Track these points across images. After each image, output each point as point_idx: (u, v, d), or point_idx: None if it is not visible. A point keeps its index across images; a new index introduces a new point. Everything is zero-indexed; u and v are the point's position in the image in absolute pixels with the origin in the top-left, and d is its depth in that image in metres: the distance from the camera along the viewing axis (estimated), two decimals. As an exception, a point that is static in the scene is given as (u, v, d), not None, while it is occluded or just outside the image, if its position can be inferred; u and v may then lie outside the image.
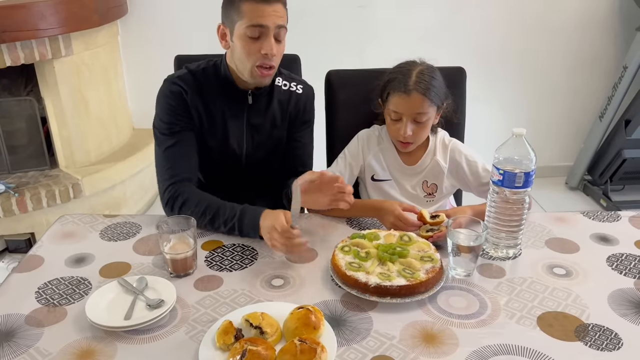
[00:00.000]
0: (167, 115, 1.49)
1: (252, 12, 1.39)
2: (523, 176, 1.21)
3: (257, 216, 1.33)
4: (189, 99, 1.49)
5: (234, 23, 1.43)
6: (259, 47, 1.41)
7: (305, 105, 1.64)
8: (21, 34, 2.37)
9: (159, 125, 1.51)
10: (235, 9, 1.41)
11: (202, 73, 1.54)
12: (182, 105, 1.49)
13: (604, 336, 1.03)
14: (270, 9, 1.39)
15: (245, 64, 1.45)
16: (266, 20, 1.39)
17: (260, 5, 1.38)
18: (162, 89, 1.52)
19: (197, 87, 1.51)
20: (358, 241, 1.27)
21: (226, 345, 0.98)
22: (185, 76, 1.52)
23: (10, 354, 1.00)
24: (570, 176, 3.38)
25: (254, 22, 1.39)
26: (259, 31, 1.40)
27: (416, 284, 1.13)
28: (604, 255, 1.30)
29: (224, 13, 1.48)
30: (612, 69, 3.20)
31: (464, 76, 1.77)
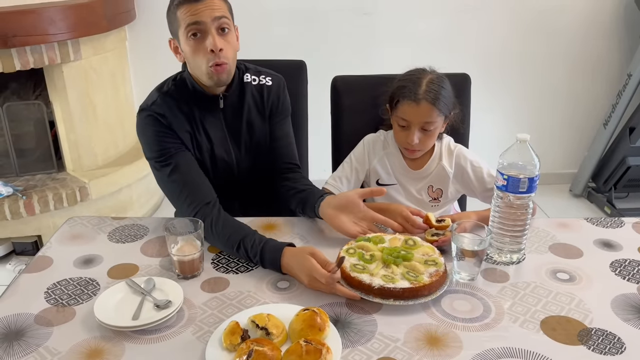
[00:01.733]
0: (155, 143, 1.45)
1: (186, 14, 1.39)
2: (527, 181, 1.22)
3: (277, 260, 1.25)
4: (171, 121, 1.45)
5: (177, 32, 1.43)
6: (204, 46, 1.39)
7: (279, 96, 1.61)
8: (31, 38, 2.40)
9: (152, 156, 1.46)
10: (174, 18, 1.42)
11: (174, 90, 1.50)
12: (166, 129, 1.45)
13: (607, 340, 1.04)
14: (202, 5, 1.37)
15: (200, 69, 1.42)
16: (200, 16, 1.37)
17: (192, 5, 1.37)
18: (141, 121, 1.47)
19: (174, 107, 1.47)
20: (363, 244, 1.29)
21: (233, 345, 0.99)
22: (158, 100, 1.48)
23: (20, 352, 1.01)
24: (575, 183, 3.38)
25: (189, 21, 1.38)
26: (196, 29, 1.38)
27: (419, 287, 1.14)
28: (607, 260, 1.31)
29: (169, 27, 1.48)
30: (617, 76, 3.21)
31: (468, 82, 1.79)
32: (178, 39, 1.45)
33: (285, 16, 3.02)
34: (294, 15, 3.03)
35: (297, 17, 3.04)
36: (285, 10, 3.02)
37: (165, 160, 1.44)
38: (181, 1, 1.39)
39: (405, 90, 1.50)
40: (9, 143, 2.68)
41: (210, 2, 1.38)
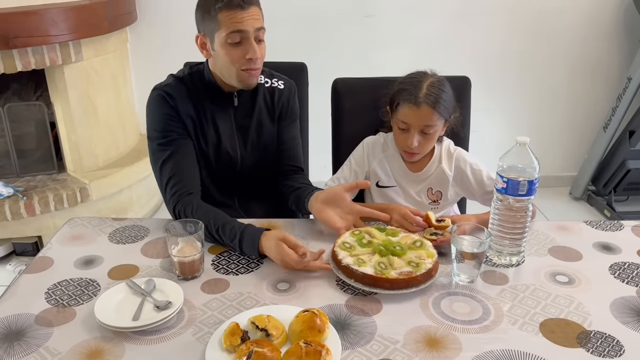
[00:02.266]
0: (160, 123, 1.49)
1: (229, 20, 1.40)
2: (526, 184, 1.22)
3: (256, 244, 1.31)
4: (179, 105, 1.50)
5: (212, 33, 1.44)
6: (242, 52, 1.42)
7: (289, 100, 1.65)
8: (32, 39, 2.41)
9: (153, 136, 1.50)
10: (212, 19, 1.42)
11: (188, 79, 1.55)
12: (174, 112, 1.49)
13: (605, 343, 1.04)
14: (246, 14, 1.40)
15: (230, 70, 1.46)
16: (244, 25, 1.40)
17: (237, 12, 1.39)
18: (152, 98, 1.52)
19: (185, 93, 1.52)
20: (371, 230, 1.34)
21: (232, 346, 1.00)
22: (173, 83, 1.53)
23: (21, 352, 1.02)
24: (574, 186, 3.38)
25: (233, 29, 1.40)
26: (239, 37, 1.41)
27: (378, 278, 1.17)
28: (606, 263, 1.31)
29: (200, 24, 1.49)
30: (616, 79, 3.22)
31: (468, 85, 1.79)
32: (212, 39, 1.46)
33: (287, 18, 3.03)
34: (295, 18, 3.04)
35: (299, 19, 3.05)
36: (286, 13, 3.03)
37: (165, 144, 1.49)
38: (225, 6, 1.39)
39: (405, 93, 1.51)
40: (9, 144, 2.69)
41: (253, 11, 1.41)
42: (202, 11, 1.47)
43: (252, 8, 1.41)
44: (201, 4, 1.47)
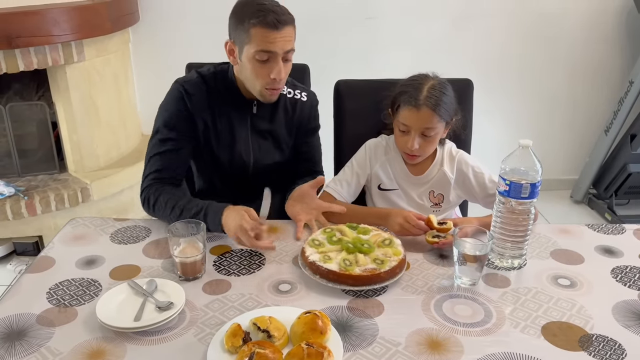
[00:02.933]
0: (170, 119, 1.52)
1: (261, 38, 1.40)
2: (529, 187, 1.22)
3: (219, 213, 1.37)
4: (196, 104, 1.51)
5: (242, 44, 1.44)
6: (267, 70, 1.44)
7: (310, 112, 1.68)
8: (35, 39, 2.41)
9: (159, 130, 1.54)
10: (244, 31, 1.42)
11: (212, 78, 1.56)
12: (187, 111, 1.52)
13: (607, 346, 1.04)
14: (279, 35, 1.40)
15: (253, 84, 1.48)
16: (275, 47, 1.41)
17: (270, 31, 1.39)
18: (171, 91, 1.55)
19: (206, 92, 1.53)
20: (343, 228, 1.36)
21: (234, 347, 1.00)
22: (195, 80, 1.54)
23: (22, 352, 1.02)
24: (575, 190, 3.38)
25: (262, 48, 1.41)
26: (267, 56, 1.42)
27: (341, 274, 1.20)
28: (608, 267, 1.31)
29: (232, 31, 1.48)
30: (618, 82, 3.22)
31: (471, 88, 1.79)
32: (241, 49, 1.46)
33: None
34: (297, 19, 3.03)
35: (300, 21, 3.03)
36: (288, 14, 3.03)
37: (165, 140, 1.52)
38: (260, 22, 1.39)
39: (406, 96, 1.51)
40: (11, 143, 2.69)
41: (286, 32, 1.42)
42: (235, 20, 1.46)
43: (286, 28, 1.41)
44: (236, 12, 1.46)
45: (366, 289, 1.20)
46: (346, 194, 1.61)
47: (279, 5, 1.44)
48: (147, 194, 1.50)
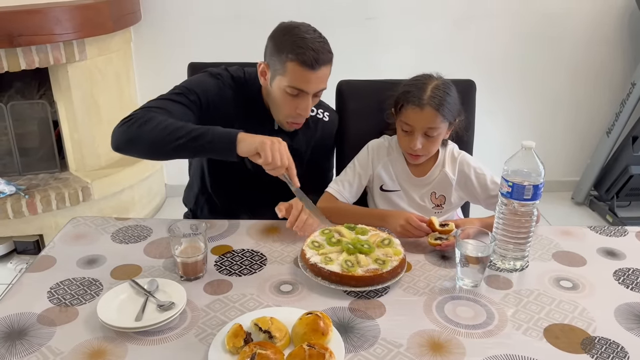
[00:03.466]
0: (197, 86, 1.48)
1: (295, 75, 1.39)
2: (532, 189, 1.22)
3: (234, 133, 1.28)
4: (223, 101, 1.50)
5: (276, 72, 1.43)
6: (295, 104, 1.43)
7: (331, 132, 1.70)
8: (36, 38, 2.40)
9: (184, 84, 1.49)
10: (280, 62, 1.40)
11: (243, 84, 1.55)
12: (215, 95, 1.49)
13: (610, 349, 1.04)
14: (314, 75, 1.39)
15: (277, 112, 1.49)
16: (308, 87, 1.40)
17: (306, 70, 1.37)
18: (204, 77, 1.52)
19: (232, 97, 1.52)
20: (341, 229, 1.35)
21: (236, 348, 0.99)
22: (228, 82, 1.53)
23: (23, 351, 1.01)
24: (577, 191, 3.38)
25: (295, 85, 1.40)
26: (298, 92, 1.41)
27: (344, 275, 1.19)
28: (610, 269, 1.31)
29: (268, 55, 1.46)
30: (620, 84, 3.21)
31: (473, 89, 1.79)
32: (273, 76, 1.45)
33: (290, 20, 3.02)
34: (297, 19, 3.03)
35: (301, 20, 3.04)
36: (289, 15, 2.99)
37: (182, 93, 1.45)
38: (297, 60, 1.37)
39: (409, 95, 1.51)
40: (12, 142, 2.69)
41: (322, 72, 1.40)
42: (273, 46, 1.44)
43: (323, 68, 1.40)
44: (275, 38, 1.44)
45: (369, 289, 1.19)
46: (348, 194, 1.61)
47: (320, 40, 1.42)
48: (137, 114, 1.36)
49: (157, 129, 1.30)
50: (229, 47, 3.03)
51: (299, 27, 1.43)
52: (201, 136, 1.28)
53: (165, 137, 1.30)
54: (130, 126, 1.34)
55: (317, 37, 1.42)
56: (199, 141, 1.28)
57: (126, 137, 1.35)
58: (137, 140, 1.34)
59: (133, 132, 1.33)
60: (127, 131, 1.34)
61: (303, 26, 1.45)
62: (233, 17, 2.99)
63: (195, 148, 1.30)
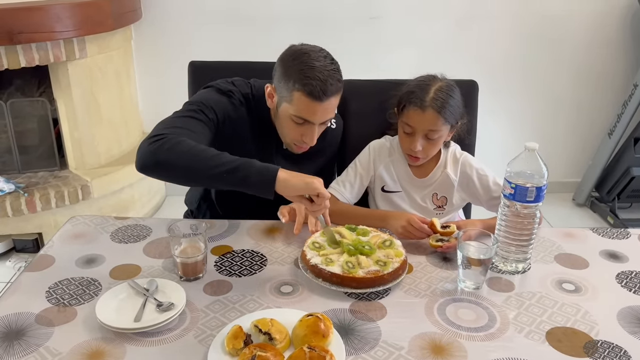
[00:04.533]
0: (212, 102, 1.42)
1: (302, 105, 1.35)
2: (535, 190, 1.21)
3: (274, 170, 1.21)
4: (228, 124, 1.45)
5: (282, 99, 1.40)
6: (301, 132, 1.41)
7: (337, 139, 1.70)
8: (37, 35, 2.40)
9: (198, 99, 1.41)
10: (287, 90, 1.37)
11: (251, 101, 1.51)
12: (227, 117, 1.44)
13: (613, 353, 1.03)
14: (321, 107, 1.35)
15: (284, 136, 1.48)
16: (314, 118, 1.37)
17: (313, 102, 1.34)
18: (222, 91, 1.47)
19: (243, 115, 1.49)
20: (342, 230, 1.35)
21: (235, 350, 0.98)
22: (238, 98, 1.49)
23: (20, 352, 1.00)
24: (578, 192, 3.37)
25: (301, 115, 1.37)
26: (304, 121, 1.39)
27: (345, 277, 1.18)
28: (613, 272, 1.30)
29: (276, 79, 1.42)
30: (622, 85, 3.20)
31: (476, 89, 1.78)
32: (280, 102, 1.42)
33: (292, 20, 3.02)
34: (300, 19, 3.03)
35: (304, 20, 3.03)
36: (291, 14, 3.02)
37: (200, 110, 1.38)
38: (304, 90, 1.33)
39: (412, 96, 1.50)
40: (12, 140, 2.68)
41: (329, 103, 1.36)
42: (281, 71, 1.39)
43: (331, 99, 1.36)
44: (284, 63, 1.39)
45: (369, 291, 1.18)
46: (349, 195, 1.60)
47: (330, 69, 1.35)
48: (167, 134, 1.24)
49: (189, 155, 1.21)
50: (230, 45, 3.03)
51: (309, 54, 1.37)
52: (240, 169, 1.20)
53: (197, 166, 1.21)
54: (159, 148, 1.21)
55: (327, 64, 1.36)
56: (237, 174, 1.20)
57: (155, 160, 1.22)
58: (167, 165, 1.22)
59: (163, 156, 1.21)
60: (155, 153, 1.22)
61: (313, 52, 1.38)
62: (234, 16, 2.98)
63: (230, 181, 1.21)
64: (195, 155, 1.21)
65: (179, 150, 1.21)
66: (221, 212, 1.68)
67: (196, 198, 1.73)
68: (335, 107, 1.42)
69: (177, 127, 1.29)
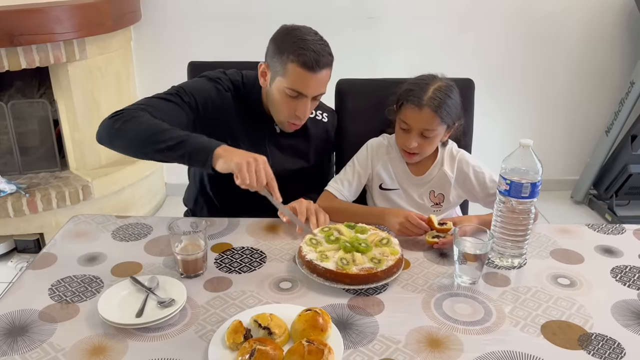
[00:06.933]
0: (194, 89, 1.49)
1: (295, 77, 1.40)
2: (529, 186, 1.23)
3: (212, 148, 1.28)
4: (211, 108, 1.50)
5: (276, 74, 1.44)
6: (294, 106, 1.44)
7: (330, 132, 1.71)
8: (37, 37, 2.41)
9: (181, 85, 1.50)
10: (281, 63, 1.41)
11: (241, 88, 1.56)
12: (211, 101, 1.50)
13: (607, 345, 1.04)
14: (314, 78, 1.40)
15: (277, 114, 1.50)
16: (307, 89, 1.41)
17: (306, 73, 1.39)
18: (210, 78, 1.53)
19: (232, 102, 1.52)
20: (341, 227, 1.36)
21: (235, 344, 1.00)
22: (227, 86, 1.54)
23: (24, 347, 1.02)
24: (576, 190, 3.39)
25: (295, 87, 1.41)
26: (297, 94, 1.42)
27: (339, 273, 1.20)
28: (608, 266, 1.31)
29: (269, 56, 1.47)
30: (619, 83, 3.22)
31: (472, 88, 1.80)
32: (273, 78, 1.46)
33: (290, 20, 3.02)
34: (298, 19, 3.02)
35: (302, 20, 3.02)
36: (290, 14, 3.01)
37: (177, 94, 1.46)
38: (298, 61, 1.38)
39: (410, 94, 1.51)
40: (13, 141, 2.69)
41: (322, 75, 1.41)
42: (275, 48, 1.44)
43: (323, 72, 1.41)
44: (277, 40, 1.45)
45: (364, 287, 1.20)
46: (347, 193, 1.62)
47: (321, 43, 1.43)
48: (126, 110, 1.36)
49: (139, 129, 1.32)
50: (229, 46, 3.04)
51: (300, 29, 1.45)
52: (180, 145, 1.29)
53: (144, 140, 1.31)
54: (115, 122, 1.35)
55: (318, 39, 1.44)
56: (177, 150, 1.29)
57: (108, 132, 1.37)
58: (118, 137, 1.35)
59: (116, 129, 1.34)
60: (111, 126, 1.35)
61: (304, 28, 1.46)
62: (233, 16, 3.00)
63: (173, 156, 1.31)
64: (145, 130, 1.31)
65: (131, 125, 1.32)
66: (219, 205, 1.69)
67: (193, 194, 1.75)
68: (327, 82, 1.46)
69: (140, 104, 1.40)
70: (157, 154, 1.32)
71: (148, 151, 1.33)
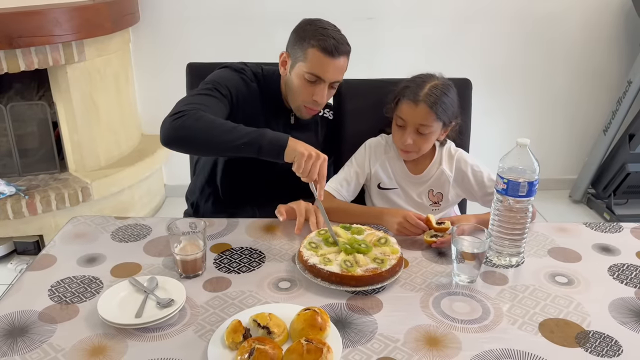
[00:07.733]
0: (227, 80, 1.53)
1: (315, 61, 1.46)
2: (527, 185, 1.23)
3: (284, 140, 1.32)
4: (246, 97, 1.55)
5: (296, 60, 1.51)
6: (312, 91, 1.50)
7: (334, 130, 1.75)
8: (36, 39, 2.41)
9: (213, 78, 1.53)
10: (301, 49, 1.48)
11: (262, 80, 1.61)
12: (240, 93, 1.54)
13: (604, 343, 1.05)
14: (333, 64, 1.47)
15: (295, 99, 1.54)
16: (325, 74, 1.47)
17: (326, 58, 1.46)
18: (235, 70, 1.58)
19: (256, 92, 1.57)
20: (336, 229, 1.36)
21: (235, 343, 1.01)
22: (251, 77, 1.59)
23: (24, 348, 1.03)
24: (574, 189, 3.39)
25: (314, 71, 1.47)
26: (316, 79, 1.48)
27: (344, 275, 1.19)
28: (605, 265, 1.32)
29: (290, 45, 1.55)
30: (617, 82, 3.23)
31: (469, 87, 1.80)
32: (293, 64, 1.53)
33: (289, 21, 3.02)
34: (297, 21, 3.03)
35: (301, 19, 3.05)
36: (289, 15, 3.02)
37: (215, 88, 1.50)
38: (319, 46, 1.46)
39: (407, 90, 1.53)
40: (12, 143, 2.70)
41: (340, 62, 1.49)
42: (296, 36, 1.53)
43: (342, 58, 1.49)
44: (299, 30, 1.54)
45: (369, 288, 1.20)
46: (346, 192, 1.62)
47: (340, 34, 1.53)
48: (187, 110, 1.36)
49: (211, 128, 1.34)
50: (228, 47, 3.05)
51: (321, 21, 1.55)
52: (255, 140, 1.33)
53: (220, 139, 1.35)
54: (183, 122, 1.34)
55: (337, 30, 1.55)
56: (253, 145, 1.33)
57: (178, 134, 1.36)
58: (188, 139, 1.36)
59: (186, 130, 1.35)
60: (179, 127, 1.34)
61: (325, 21, 1.56)
62: (231, 18, 3.00)
63: (248, 151, 1.34)
64: (214, 129, 1.35)
65: (198, 125, 1.34)
66: (223, 197, 1.71)
67: (200, 184, 1.76)
68: (344, 70, 1.53)
69: (195, 103, 1.41)
70: (232, 151, 1.36)
71: (224, 148, 1.36)
